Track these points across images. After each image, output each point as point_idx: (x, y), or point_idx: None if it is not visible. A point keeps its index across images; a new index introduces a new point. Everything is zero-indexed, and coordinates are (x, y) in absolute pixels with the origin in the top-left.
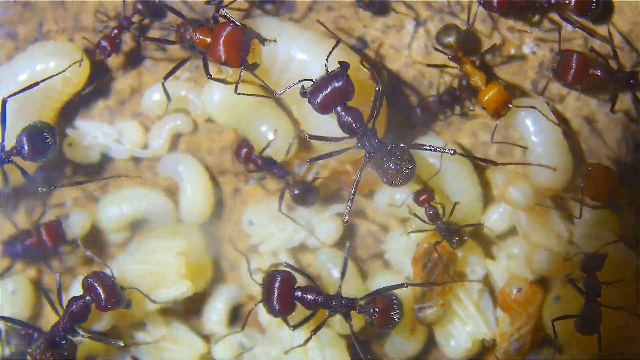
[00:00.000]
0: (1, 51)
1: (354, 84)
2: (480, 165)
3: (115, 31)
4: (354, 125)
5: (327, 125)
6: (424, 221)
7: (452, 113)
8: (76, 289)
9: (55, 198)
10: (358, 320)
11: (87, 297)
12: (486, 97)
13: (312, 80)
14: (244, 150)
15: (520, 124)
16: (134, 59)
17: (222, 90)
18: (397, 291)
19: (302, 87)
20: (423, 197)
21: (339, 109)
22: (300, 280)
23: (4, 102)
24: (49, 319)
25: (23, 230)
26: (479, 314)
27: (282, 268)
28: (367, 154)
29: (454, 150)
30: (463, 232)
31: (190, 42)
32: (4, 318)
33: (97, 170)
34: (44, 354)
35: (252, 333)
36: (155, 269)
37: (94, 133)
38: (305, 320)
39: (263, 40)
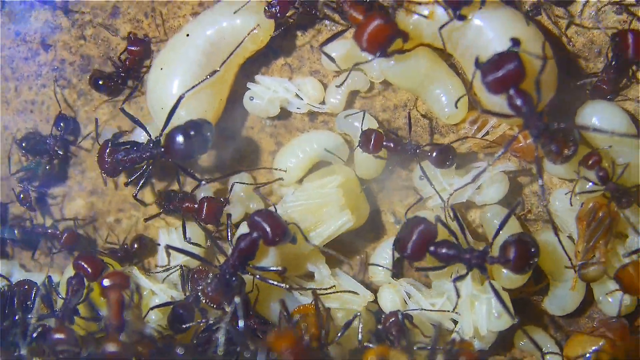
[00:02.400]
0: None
1: (525, 67)
2: None
3: None
4: (522, 109)
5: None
6: (589, 181)
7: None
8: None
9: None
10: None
11: (255, 234)
12: None
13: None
14: (374, 137)
15: None
16: (313, 18)
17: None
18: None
19: (477, 59)
20: (593, 160)
21: (510, 91)
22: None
23: (181, 97)
24: None
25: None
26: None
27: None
28: (534, 136)
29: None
30: (632, 193)
31: (345, 14)
32: (178, 249)
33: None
34: (215, 289)
35: (417, 283)
36: (316, 202)
37: (275, 87)
38: (465, 275)
39: (406, 38)
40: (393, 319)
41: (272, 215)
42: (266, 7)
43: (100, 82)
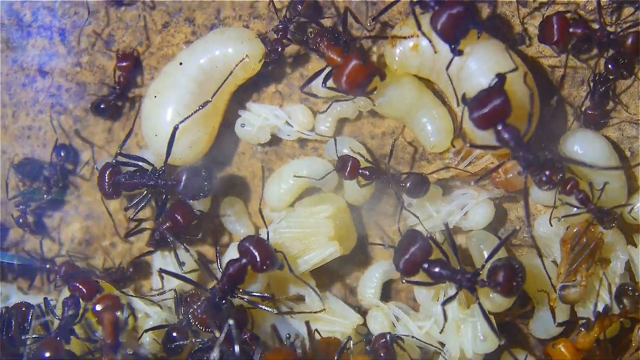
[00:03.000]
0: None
1: (511, 103)
2: (625, 157)
3: (280, 33)
4: (510, 142)
5: None
6: (574, 206)
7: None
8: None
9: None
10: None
11: (244, 260)
12: None
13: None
14: (350, 164)
15: None
16: (303, 46)
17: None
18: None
19: (463, 95)
20: (570, 185)
21: (498, 126)
22: None
23: (176, 128)
24: None
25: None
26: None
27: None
28: (523, 167)
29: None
30: (614, 212)
31: (323, 55)
32: (171, 273)
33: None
34: (204, 312)
35: (405, 307)
36: (306, 231)
37: (266, 115)
38: (453, 296)
39: (383, 76)
40: (382, 340)
41: (261, 242)
42: (270, 50)
43: (102, 106)
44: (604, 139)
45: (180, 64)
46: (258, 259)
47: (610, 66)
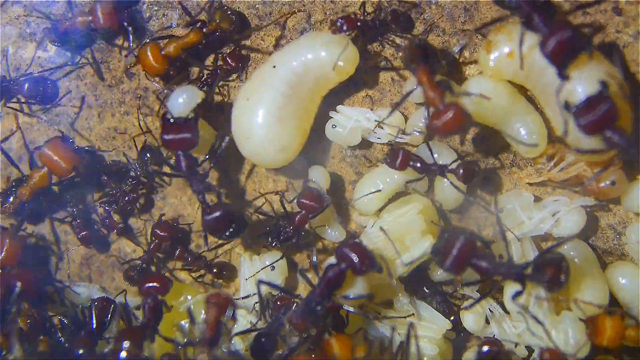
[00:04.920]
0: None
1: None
2: None
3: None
4: (622, 144)
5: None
6: None
7: None
8: None
9: None
10: None
11: (343, 265)
12: None
13: None
14: (401, 155)
15: None
16: (394, 50)
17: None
18: None
19: (566, 102)
20: None
21: (606, 131)
22: None
23: None
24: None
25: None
26: None
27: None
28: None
29: None
30: None
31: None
32: (267, 283)
33: None
34: (300, 317)
35: (497, 307)
36: (399, 231)
37: (357, 117)
38: (521, 291)
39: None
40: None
41: (358, 246)
42: (332, 26)
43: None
44: None
45: (274, 67)
46: (357, 262)
47: None
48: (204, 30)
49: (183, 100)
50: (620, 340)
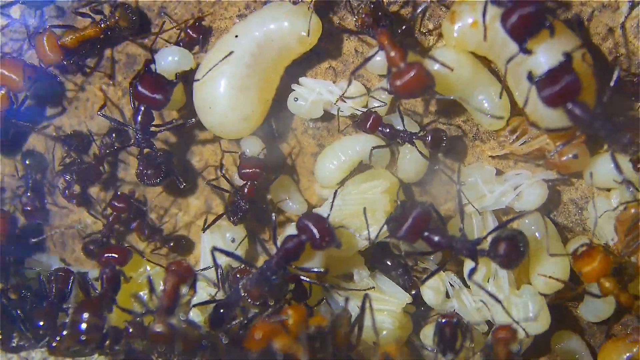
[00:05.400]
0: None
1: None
2: None
3: None
4: (584, 118)
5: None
6: (636, 188)
7: None
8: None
9: None
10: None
11: (303, 237)
12: None
13: None
14: (372, 118)
15: None
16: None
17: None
18: None
19: (529, 73)
20: None
21: (568, 104)
22: None
23: None
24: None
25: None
26: None
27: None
28: (604, 137)
29: None
30: None
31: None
32: (223, 251)
33: None
34: (254, 285)
35: (458, 281)
36: (365, 206)
37: (319, 90)
38: (475, 268)
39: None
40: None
41: (321, 219)
42: None
43: None
44: None
45: (236, 36)
46: (317, 236)
47: None
48: (102, 25)
49: (173, 60)
50: (598, 277)
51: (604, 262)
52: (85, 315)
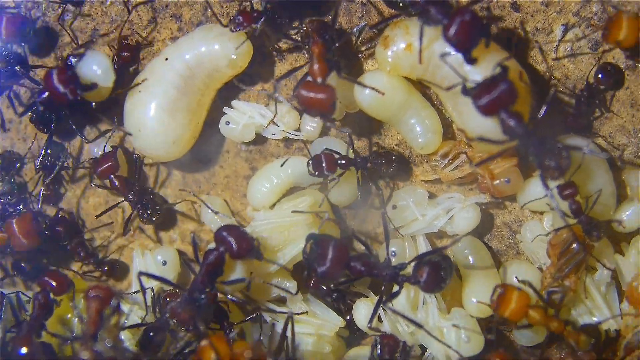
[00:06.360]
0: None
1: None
2: (615, 165)
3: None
4: (517, 130)
5: (484, 121)
6: (566, 215)
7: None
8: None
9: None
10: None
11: (221, 248)
12: None
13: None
14: (324, 160)
15: None
16: (290, 45)
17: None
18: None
19: (464, 86)
20: (568, 192)
21: (502, 113)
22: None
23: None
24: None
25: None
26: (606, 304)
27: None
28: (532, 154)
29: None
30: (604, 226)
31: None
32: (150, 275)
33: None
34: (183, 307)
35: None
36: (285, 221)
37: (251, 113)
38: (397, 293)
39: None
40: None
41: (237, 229)
42: (230, 21)
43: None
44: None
45: (166, 59)
46: (234, 245)
47: (600, 76)
48: None
49: (95, 70)
50: (522, 316)
51: (520, 300)
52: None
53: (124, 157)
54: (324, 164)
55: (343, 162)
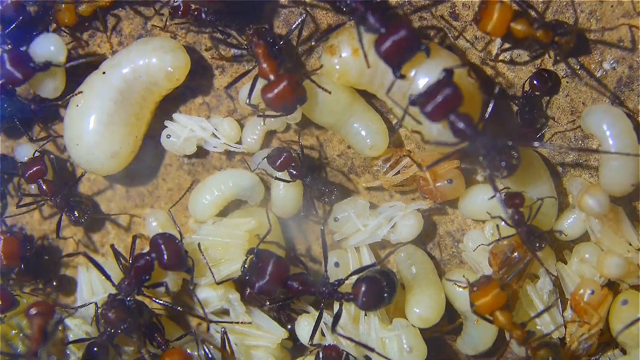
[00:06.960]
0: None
1: (461, 90)
2: (557, 173)
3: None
4: (466, 131)
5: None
6: (508, 224)
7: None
8: None
9: None
10: None
11: (152, 254)
12: None
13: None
14: (284, 157)
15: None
16: (231, 58)
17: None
18: None
19: (410, 97)
20: (517, 201)
21: (450, 116)
22: None
23: None
24: None
25: None
26: (549, 313)
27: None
28: (482, 155)
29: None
30: (545, 236)
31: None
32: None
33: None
34: (110, 309)
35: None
36: (222, 240)
37: (192, 126)
38: (338, 313)
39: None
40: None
41: (172, 240)
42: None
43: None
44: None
45: (104, 73)
46: (165, 255)
47: (535, 82)
48: None
49: (49, 48)
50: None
51: (497, 297)
52: None
53: (49, 162)
54: (279, 160)
55: (294, 172)
